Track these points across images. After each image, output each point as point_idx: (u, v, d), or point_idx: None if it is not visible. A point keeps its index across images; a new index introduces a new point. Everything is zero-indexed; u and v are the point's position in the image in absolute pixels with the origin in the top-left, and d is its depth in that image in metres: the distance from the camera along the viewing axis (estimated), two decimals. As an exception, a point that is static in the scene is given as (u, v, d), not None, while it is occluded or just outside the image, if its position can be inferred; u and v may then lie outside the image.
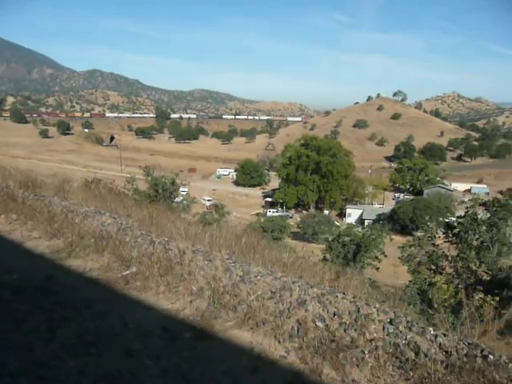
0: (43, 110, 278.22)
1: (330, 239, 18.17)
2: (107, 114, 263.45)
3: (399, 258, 17.72)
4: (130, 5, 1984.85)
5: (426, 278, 16.11)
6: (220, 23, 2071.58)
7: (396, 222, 56.53)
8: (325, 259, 16.17)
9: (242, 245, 4.96)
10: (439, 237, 20.76)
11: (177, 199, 24.75)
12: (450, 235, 18.79)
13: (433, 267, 19.12)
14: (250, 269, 3.95)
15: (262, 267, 4.17)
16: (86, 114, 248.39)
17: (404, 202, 60.63)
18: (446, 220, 60.60)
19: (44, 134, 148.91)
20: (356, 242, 17.12)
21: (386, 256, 18.78)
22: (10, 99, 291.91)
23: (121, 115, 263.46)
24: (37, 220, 5.98)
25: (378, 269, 18.39)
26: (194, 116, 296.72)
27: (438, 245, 17.43)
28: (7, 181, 7.89)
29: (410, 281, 16.61)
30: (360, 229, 64.74)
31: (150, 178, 23.17)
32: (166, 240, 4.75)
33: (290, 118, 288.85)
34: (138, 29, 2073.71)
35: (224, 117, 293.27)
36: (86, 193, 7.56)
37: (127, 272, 4.36)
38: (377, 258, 18.39)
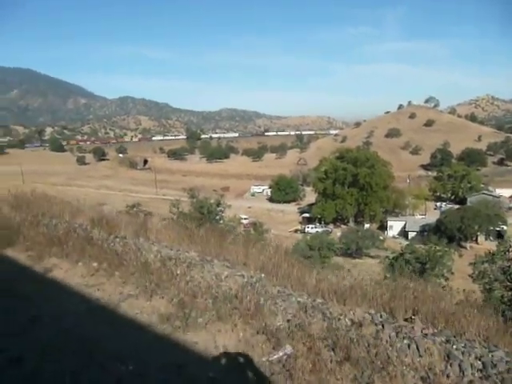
0: (79, 137, 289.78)
1: (391, 257, 16.87)
2: (153, 138, 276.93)
3: (470, 275, 16.17)
4: (152, 30, 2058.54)
5: (502, 296, 14.62)
6: (244, 43, 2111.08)
7: (443, 232, 53.83)
8: (386, 278, 14.92)
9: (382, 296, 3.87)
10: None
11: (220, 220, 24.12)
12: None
13: (509, 284, 17.44)
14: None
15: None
16: (135, 139, 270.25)
17: (450, 211, 57.82)
18: (498, 229, 57.80)
19: (81, 161, 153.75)
20: (421, 259, 15.78)
21: (452, 273, 17.29)
22: (48, 129, 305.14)
23: (165, 138, 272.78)
24: (125, 270, 5.04)
25: (444, 287, 16.88)
26: (236, 135, 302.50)
27: None
28: (76, 218, 7.29)
29: (483, 300, 15.12)
30: (403, 241, 62.56)
31: (195, 200, 22.61)
32: (320, 302, 3.63)
33: (319, 132, 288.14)
34: (164, 54, 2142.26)
35: (266, 134, 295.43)
36: (174, 230, 6.66)
37: (280, 354, 3.06)
38: (443, 275, 16.94)
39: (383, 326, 3.07)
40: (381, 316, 3.24)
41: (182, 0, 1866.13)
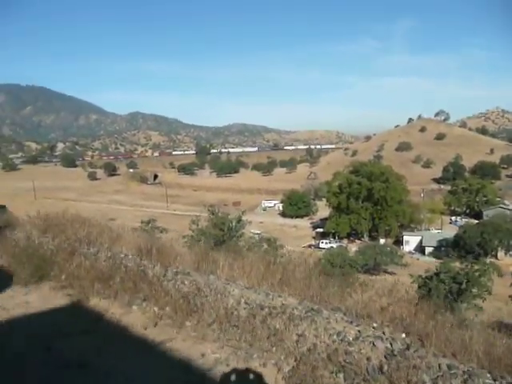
0: (90, 153, 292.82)
1: (423, 276, 15.98)
2: (174, 152, 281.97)
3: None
4: (163, 47, 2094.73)
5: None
6: (250, 57, 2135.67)
7: (462, 248, 52.45)
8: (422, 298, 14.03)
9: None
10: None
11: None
12: None
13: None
14: None
15: None
16: (155, 154, 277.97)
17: (469, 226, 56.45)
18: (519, 244, 56.24)
19: (92, 177, 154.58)
20: (458, 279, 14.88)
21: (490, 294, 16.36)
22: (60, 145, 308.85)
23: (185, 152, 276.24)
24: (199, 319, 4.02)
25: (481, 308, 15.98)
26: (255, 149, 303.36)
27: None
28: (116, 244, 6.42)
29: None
30: (420, 256, 61.16)
31: (214, 217, 21.88)
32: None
33: (327, 146, 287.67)
34: (173, 70, 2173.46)
35: (285, 148, 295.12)
36: (250, 264, 5.48)
37: None
38: (480, 296, 15.99)
39: None
40: None
41: (192, 15, 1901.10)
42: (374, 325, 3.48)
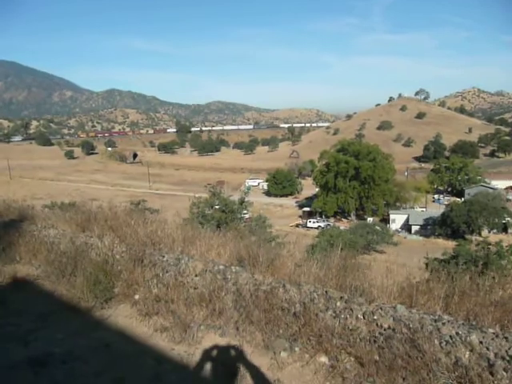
0: (65, 131, 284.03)
1: (441, 258, 15.47)
2: (168, 130, 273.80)
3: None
4: (141, 23, 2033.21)
5: None
6: (231, 34, 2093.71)
7: (448, 226, 53.00)
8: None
9: None
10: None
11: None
12: None
13: None
14: None
15: None
16: (150, 131, 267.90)
17: (456, 204, 56.99)
18: (504, 221, 57.25)
19: (70, 155, 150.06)
20: (476, 260, 14.41)
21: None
22: (34, 123, 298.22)
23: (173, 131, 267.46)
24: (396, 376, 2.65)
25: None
26: (251, 127, 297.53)
27: None
28: (190, 248, 4.90)
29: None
30: (407, 235, 61.82)
31: (216, 198, 20.77)
32: None
33: (308, 124, 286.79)
34: (151, 46, 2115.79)
35: (282, 126, 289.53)
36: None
37: None
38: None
39: None
40: None
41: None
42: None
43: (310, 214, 67.27)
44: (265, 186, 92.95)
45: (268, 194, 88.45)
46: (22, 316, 4.19)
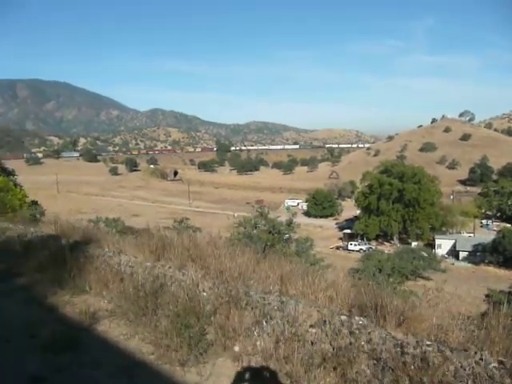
0: (111, 148, 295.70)
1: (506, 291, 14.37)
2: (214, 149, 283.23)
3: None
4: (183, 45, 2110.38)
5: None
6: (271, 56, 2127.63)
7: (500, 253, 50.08)
8: None
9: None
10: None
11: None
12: None
13: None
14: None
15: None
16: (198, 149, 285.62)
17: (508, 230, 53.92)
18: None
19: (114, 172, 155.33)
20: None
21: None
22: (82, 140, 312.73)
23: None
24: None
25: None
26: (296, 146, 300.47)
27: None
28: (294, 290, 4.02)
29: None
30: (454, 261, 58.87)
31: (263, 220, 20.41)
32: None
33: (347, 145, 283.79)
34: (193, 67, 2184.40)
35: (327, 145, 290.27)
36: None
37: None
38: None
39: None
40: None
41: (212, 14, 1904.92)
42: None
43: (351, 237, 65.68)
44: (304, 206, 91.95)
45: (307, 214, 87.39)
46: (101, 367, 3.43)
